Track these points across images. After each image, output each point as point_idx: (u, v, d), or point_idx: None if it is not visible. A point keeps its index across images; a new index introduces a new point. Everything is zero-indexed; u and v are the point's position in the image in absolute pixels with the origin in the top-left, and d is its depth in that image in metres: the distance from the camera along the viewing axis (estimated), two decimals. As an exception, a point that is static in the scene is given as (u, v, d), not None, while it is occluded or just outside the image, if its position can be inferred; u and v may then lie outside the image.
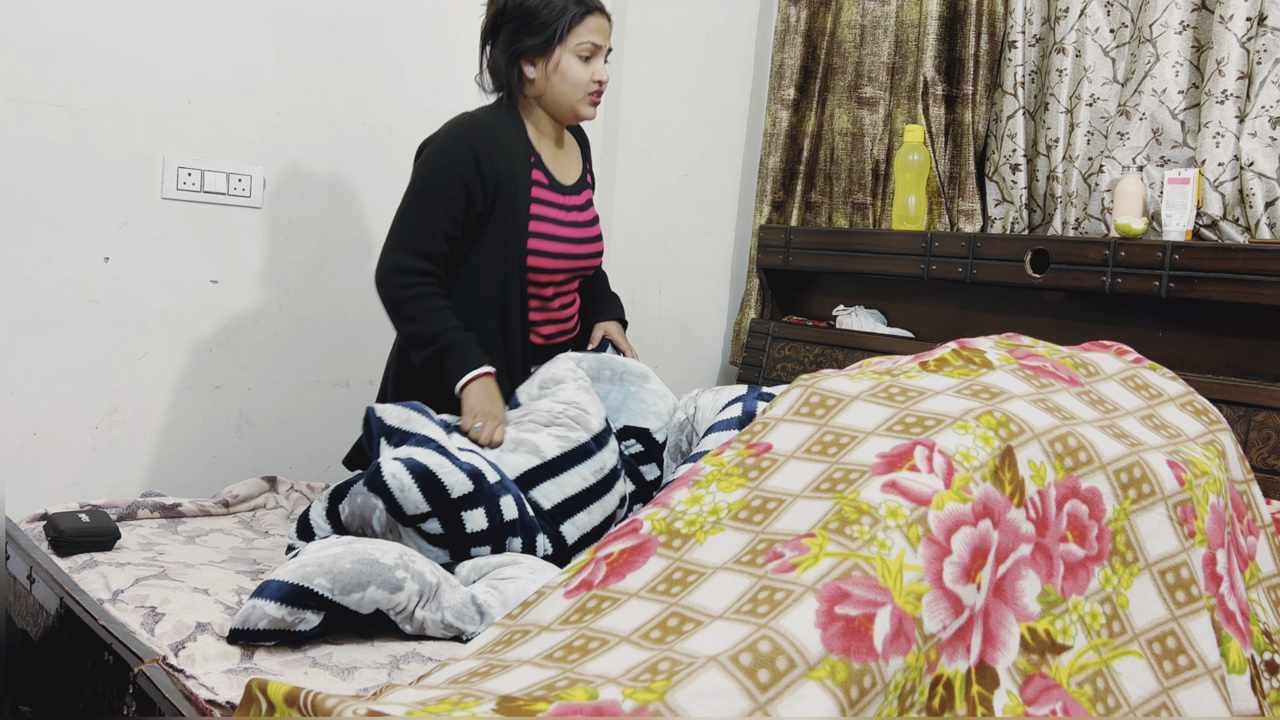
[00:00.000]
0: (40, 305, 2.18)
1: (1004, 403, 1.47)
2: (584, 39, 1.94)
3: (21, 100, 2.12)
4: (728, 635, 1.12)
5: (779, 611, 1.14)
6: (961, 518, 1.30)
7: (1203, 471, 1.54)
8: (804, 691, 1.06)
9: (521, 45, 1.94)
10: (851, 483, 1.34)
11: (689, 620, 1.19)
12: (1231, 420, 2.06)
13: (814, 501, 1.34)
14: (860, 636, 1.13)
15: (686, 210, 3.17)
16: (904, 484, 1.32)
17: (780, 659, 1.08)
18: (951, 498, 1.31)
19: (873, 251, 2.79)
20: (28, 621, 1.76)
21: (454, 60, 2.72)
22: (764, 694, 1.05)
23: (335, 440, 2.60)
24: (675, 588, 1.26)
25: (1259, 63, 2.27)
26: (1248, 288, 2.13)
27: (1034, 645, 1.32)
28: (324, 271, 2.54)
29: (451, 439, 1.84)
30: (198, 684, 1.37)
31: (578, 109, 1.99)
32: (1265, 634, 1.62)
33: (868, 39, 2.97)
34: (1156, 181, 2.44)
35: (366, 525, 1.75)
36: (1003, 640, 1.29)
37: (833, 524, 1.27)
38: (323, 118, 2.50)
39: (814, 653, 1.09)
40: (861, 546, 1.24)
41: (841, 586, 1.17)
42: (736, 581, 1.23)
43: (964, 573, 1.27)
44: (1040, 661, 1.31)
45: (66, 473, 2.24)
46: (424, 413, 1.87)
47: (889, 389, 1.53)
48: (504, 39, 1.96)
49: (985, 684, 1.25)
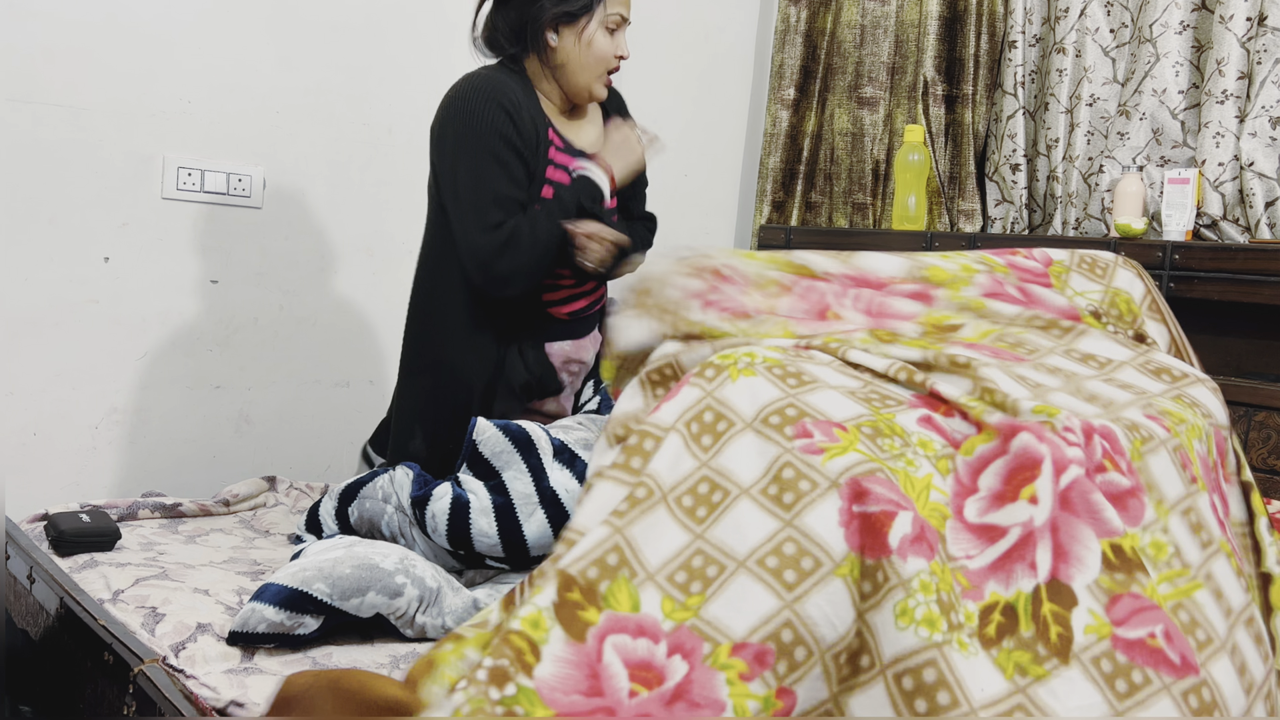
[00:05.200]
0: (40, 305, 2.18)
1: (983, 369, 1.42)
2: (614, 9, 1.84)
3: (21, 100, 2.12)
4: (755, 527, 1.18)
5: (803, 506, 1.18)
6: (989, 455, 1.28)
7: (1179, 420, 1.51)
8: (831, 589, 1.12)
9: (561, 8, 1.79)
10: (888, 405, 1.33)
11: (718, 489, 1.22)
12: (1231, 420, 2.06)
13: (848, 400, 1.32)
14: (875, 534, 1.14)
15: (686, 210, 3.16)
16: (939, 423, 1.32)
17: (806, 559, 1.14)
18: (981, 440, 1.30)
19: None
20: (28, 621, 1.76)
21: (454, 60, 2.71)
22: (790, 592, 1.12)
23: (335, 440, 2.60)
24: (705, 436, 1.26)
25: (1259, 63, 2.27)
26: (1248, 288, 2.13)
27: (1118, 563, 1.19)
28: (324, 271, 2.54)
29: (549, 473, 1.71)
30: (198, 684, 1.37)
31: (593, 86, 1.88)
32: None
33: (868, 39, 2.97)
34: (1156, 181, 2.44)
35: (375, 530, 1.75)
36: (1079, 556, 1.18)
37: (866, 428, 1.26)
38: (323, 118, 2.50)
39: (838, 550, 1.14)
40: (890, 459, 1.23)
41: (863, 484, 1.17)
42: (764, 449, 1.24)
43: (996, 499, 1.23)
44: (1129, 580, 1.18)
45: (66, 473, 2.24)
46: (522, 448, 1.70)
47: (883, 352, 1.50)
48: (531, 5, 1.81)
49: (1060, 602, 1.15)
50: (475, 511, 1.66)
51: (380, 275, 2.63)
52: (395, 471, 1.78)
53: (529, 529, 1.67)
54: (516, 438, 1.71)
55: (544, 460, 1.70)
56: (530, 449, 1.71)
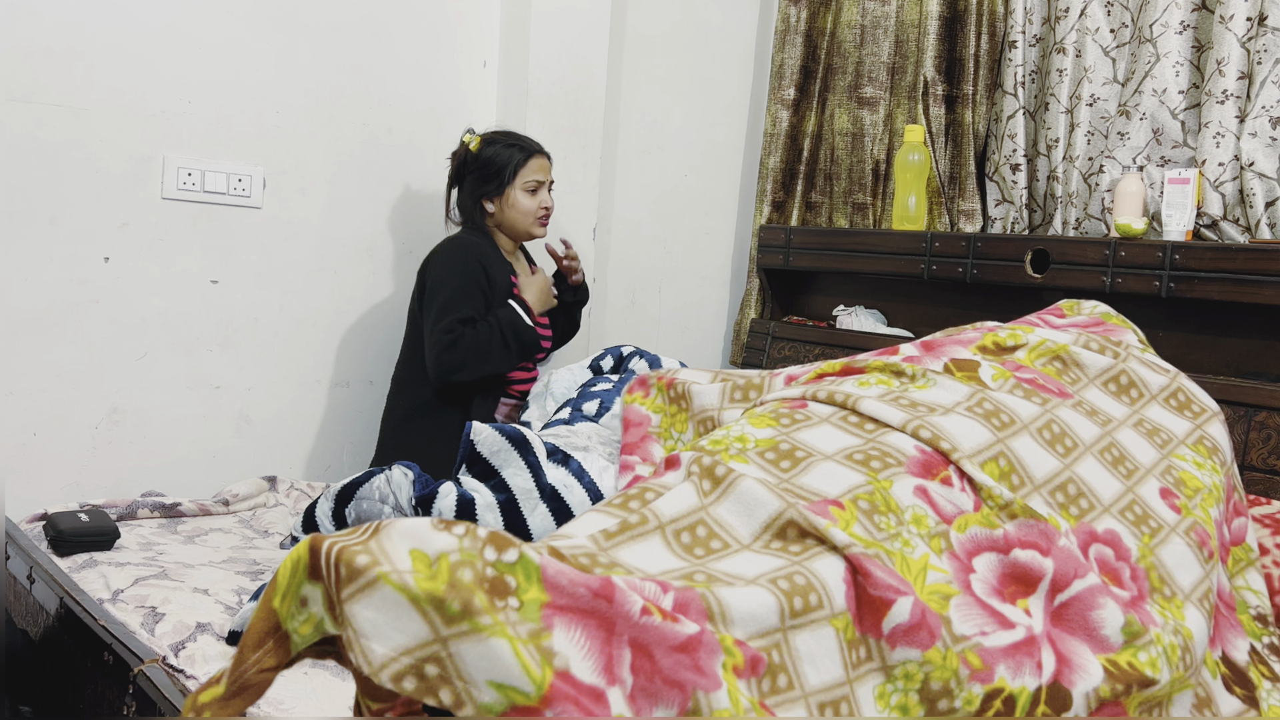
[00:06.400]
0: (40, 305, 2.18)
1: (1011, 439, 1.45)
2: (529, 177, 2.39)
3: (21, 100, 2.12)
4: (761, 565, 1.16)
5: (810, 555, 1.17)
6: (985, 544, 1.29)
7: (1195, 489, 1.53)
8: (823, 634, 1.11)
9: (481, 189, 2.39)
10: (887, 467, 1.33)
11: (716, 536, 1.21)
12: (1231, 420, 2.06)
13: (845, 469, 1.32)
14: (874, 614, 1.14)
15: (686, 210, 3.16)
16: (935, 495, 1.32)
17: (812, 595, 1.13)
18: (977, 521, 1.30)
19: (873, 251, 2.79)
20: (28, 621, 1.76)
21: (454, 60, 2.72)
22: (792, 619, 1.10)
23: (335, 440, 2.60)
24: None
25: (1259, 63, 2.27)
26: (1248, 288, 2.13)
27: (1118, 675, 1.25)
28: (324, 271, 2.54)
29: (546, 471, 1.77)
30: (198, 684, 1.37)
31: (530, 230, 2.44)
32: (1260, 619, 1.61)
33: (868, 39, 2.97)
34: (1157, 181, 2.44)
35: None
36: (1080, 665, 1.23)
37: (863, 503, 1.26)
38: (323, 118, 2.50)
39: (839, 603, 1.14)
40: (886, 540, 1.23)
41: (864, 564, 1.17)
42: (766, 500, 1.24)
43: (995, 593, 1.25)
44: (1125, 694, 1.24)
45: (66, 473, 2.24)
46: (519, 447, 1.78)
47: (898, 399, 1.51)
48: (468, 185, 2.41)
49: (1055, 705, 1.18)
50: (481, 507, 1.67)
51: (380, 275, 2.63)
52: (392, 471, 1.78)
53: (533, 523, 1.68)
54: (512, 437, 1.75)
55: (540, 458, 1.74)
56: (527, 448, 1.75)
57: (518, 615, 0.90)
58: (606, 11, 2.82)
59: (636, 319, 3.10)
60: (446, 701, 0.84)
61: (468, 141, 2.41)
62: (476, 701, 0.83)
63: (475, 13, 2.73)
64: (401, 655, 0.84)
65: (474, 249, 2.36)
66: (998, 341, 1.71)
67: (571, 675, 0.89)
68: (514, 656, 0.85)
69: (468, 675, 0.84)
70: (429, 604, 0.85)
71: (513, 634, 0.86)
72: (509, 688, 0.84)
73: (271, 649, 0.90)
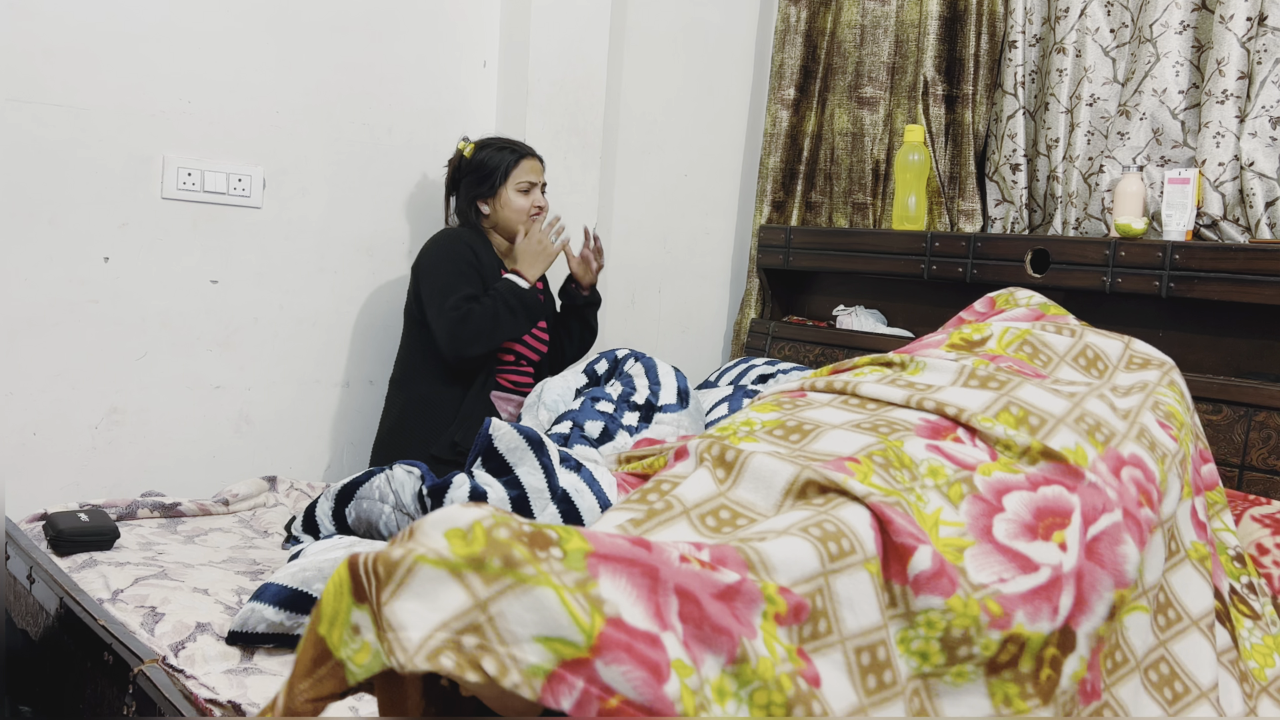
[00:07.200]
0: (40, 305, 2.18)
1: (1015, 390, 1.48)
2: (521, 178, 2.47)
3: (21, 100, 2.12)
4: (790, 518, 1.17)
5: (834, 505, 1.18)
6: (1012, 484, 1.30)
7: (1181, 423, 1.56)
8: (859, 578, 1.12)
9: (476, 191, 2.48)
10: (895, 431, 1.35)
11: (740, 516, 1.21)
12: (1232, 420, 2.06)
13: (854, 434, 1.33)
14: (899, 560, 1.15)
15: (686, 210, 3.16)
16: (948, 449, 1.33)
17: (844, 540, 1.13)
18: (999, 468, 1.31)
19: (873, 251, 2.79)
20: (28, 621, 1.76)
21: (454, 60, 2.72)
22: (832, 562, 1.11)
23: (335, 440, 2.60)
24: (719, 468, 1.25)
25: (1259, 63, 2.27)
26: (1248, 288, 2.13)
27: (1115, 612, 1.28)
28: (324, 271, 2.54)
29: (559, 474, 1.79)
30: (198, 684, 1.37)
31: (522, 228, 2.51)
32: (1237, 559, 1.64)
33: (868, 39, 2.97)
34: (1157, 181, 2.44)
35: (373, 530, 1.75)
36: (1092, 606, 1.24)
37: (878, 458, 1.27)
38: (323, 118, 2.50)
39: (870, 547, 1.14)
40: (904, 490, 1.24)
41: (886, 512, 1.17)
42: (780, 468, 1.24)
43: (1026, 530, 1.25)
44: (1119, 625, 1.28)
45: (66, 473, 2.24)
46: (535, 447, 1.80)
47: (895, 381, 1.55)
48: (464, 189, 2.50)
49: (1062, 647, 1.20)
50: (493, 501, 1.68)
51: (380, 275, 2.63)
52: (394, 471, 1.78)
53: (542, 521, 1.68)
54: (530, 437, 1.76)
55: (553, 461, 1.76)
56: (542, 448, 1.76)
57: (562, 565, 0.87)
58: (606, 11, 2.82)
59: (636, 319, 3.10)
60: (491, 671, 0.79)
61: (462, 148, 2.51)
62: (521, 664, 0.79)
63: (475, 12, 2.73)
64: (437, 631, 0.80)
65: (460, 236, 2.44)
66: (965, 337, 1.75)
67: (624, 621, 0.86)
68: (561, 605, 0.81)
69: (511, 635, 0.80)
70: (468, 567, 0.82)
71: (558, 583, 0.83)
72: (557, 640, 0.80)
73: (323, 677, 0.86)
